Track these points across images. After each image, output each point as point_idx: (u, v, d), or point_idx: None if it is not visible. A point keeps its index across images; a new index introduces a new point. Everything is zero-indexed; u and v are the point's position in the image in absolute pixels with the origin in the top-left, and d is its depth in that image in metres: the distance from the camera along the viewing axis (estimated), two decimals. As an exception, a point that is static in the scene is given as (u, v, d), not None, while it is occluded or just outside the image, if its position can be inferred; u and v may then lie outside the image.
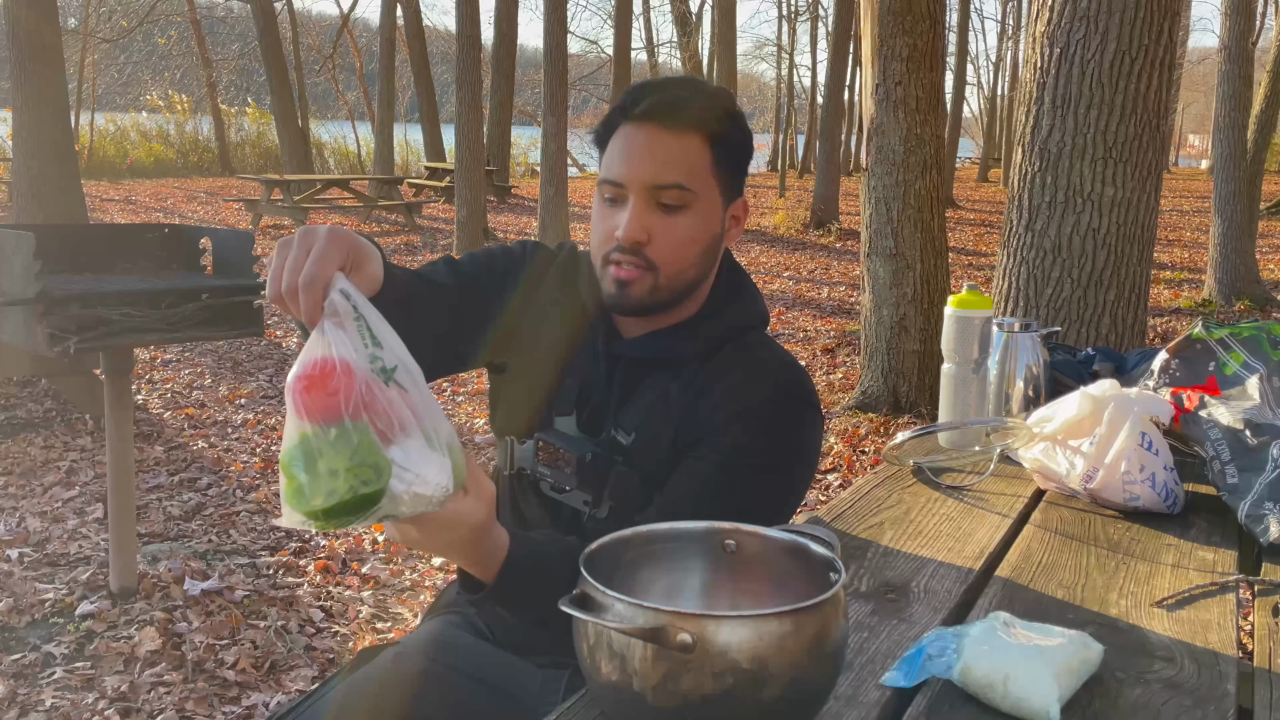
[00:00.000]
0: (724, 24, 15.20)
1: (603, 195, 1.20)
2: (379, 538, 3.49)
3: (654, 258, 1.18)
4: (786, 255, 12.00)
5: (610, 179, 1.19)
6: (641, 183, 1.17)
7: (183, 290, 2.79)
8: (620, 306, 1.21)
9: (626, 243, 1.17)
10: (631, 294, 1.19)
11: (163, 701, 2.39)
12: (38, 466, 4.00)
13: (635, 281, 1.18)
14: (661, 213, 1.18)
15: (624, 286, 1.19)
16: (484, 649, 1.29)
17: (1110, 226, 3.50)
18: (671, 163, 1.17)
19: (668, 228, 1.18)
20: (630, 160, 1.18)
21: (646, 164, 1.17)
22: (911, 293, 5.01)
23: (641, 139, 1.18)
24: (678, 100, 1.18)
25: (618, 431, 1.22)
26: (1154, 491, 1.42)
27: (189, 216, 14.08)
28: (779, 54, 32.70)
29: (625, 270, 1.18)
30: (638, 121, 1.18)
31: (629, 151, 1.18)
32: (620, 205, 1.18)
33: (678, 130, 1.17)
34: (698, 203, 1.19)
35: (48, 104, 7.06)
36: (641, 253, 1.17)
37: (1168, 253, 12.31)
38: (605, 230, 1.20)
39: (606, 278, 1.20)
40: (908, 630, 1.09)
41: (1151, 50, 3.41)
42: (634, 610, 0.78)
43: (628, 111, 1.19)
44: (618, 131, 1.20)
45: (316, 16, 40.19)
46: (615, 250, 1.18)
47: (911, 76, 4.87)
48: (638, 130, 1.18)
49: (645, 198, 1.17)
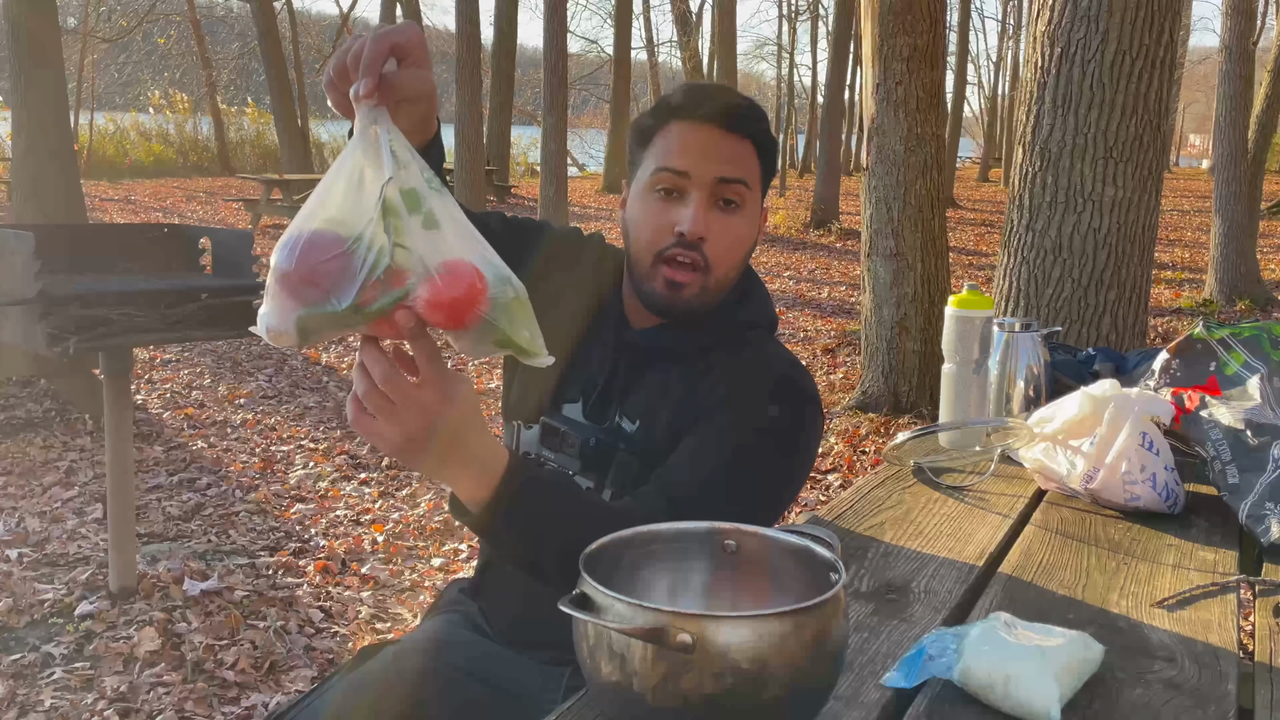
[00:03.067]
0: (724, 23, 15.21)
1: (656, 187, 1.19)
2: (379, 538, 3.49)
3: (710, 256, 1.18)
4: (787, 255, 12.00)
5: (673, 168, 1.18)
6: (709, 176, 1.18)
7: (182, 290, 2.79)
8: (670, 310, 1.21)
9: (692, 237, 1.17)
10: (684, 296, 1.19)
11: (162, 702, 2.39)
12: (37, 466, 4.00)
13: (689, 284, 1.18)
14: (720, 210, 1.19)
15: (677, 289, 1.19)
16: (483, 647, 1.28)
17: (1111, 226, 3.50)
18: (736, 161, 1.20)
19: (725, 226, 1.19)
20: (697, 153, 1.18)
21: (714, 159, 1.18)
22: (912, 293, 5.00)
23: (707, 136, 1.19)
24: (738, 107, 1.20)
25: (622, 419, 1.23)
26: (1155, 492, 1.42)
27: (189, 216, 14.08)
28: (779, 54, 32.71)
29: (681, 273, 1.18)
30: (699, 121, 1.19)
31: (695, 145, 1.18)
32: (679, 199, 1.18)
33: (737, 135, 1.20)
34: (751, 203, 1.22)
35: (48, 104, 7.06)
36: (701, 249, 1.18)
37: (1168, 253, 12.31)
38: (661, 224, 1.19)
39: (656, 278, 1.19)
40: (908, 631, 1.09)
41: (1152, 50, 3.41)
42: (634, 610, 0.78)
43: (689, 111, 1.20)
44: (670, 128, 1.20)
45: (316, 16, 40.17)
46: (675, 245, 1.18)
47: (912, 76, 4.87)
48: (700, 128, 1.19)
49: (708, 192, 1.18)
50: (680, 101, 1.21)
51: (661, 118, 1.22)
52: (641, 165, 1.23)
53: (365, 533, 3.53)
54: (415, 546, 3.45)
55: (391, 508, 3.78)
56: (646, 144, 1.23)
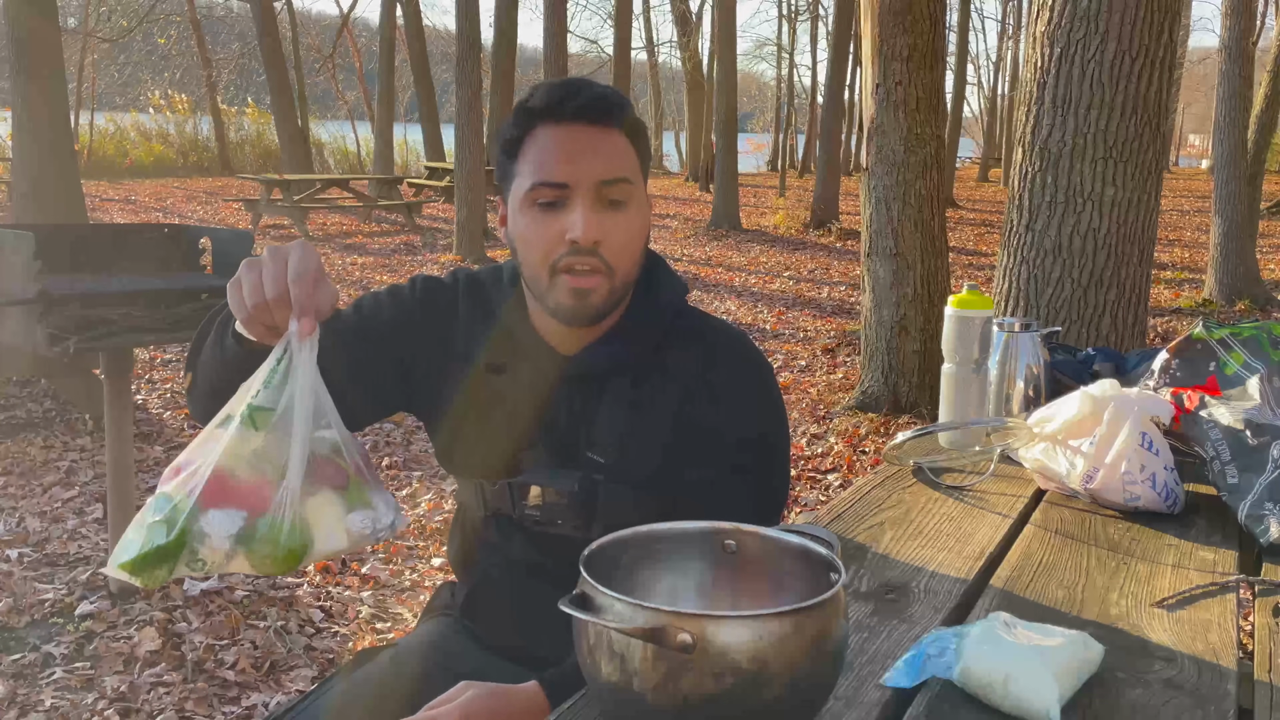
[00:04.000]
0: (724, 23, 15.19)
1: (535, 201, 1.13)
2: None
3: (609, 258, 1.13)
4: (786, 255, 12.00)
5: (549, 180, 1.12)
6: (590, 180, 1.12)
7: (183, 290, 2.79)
8: (580, 317, 1.16)
9: (586, 243, 1.11)
10: (592, 302, 1.14)
11: (162, 702, 2.39)
12: (37, 466, 4.00)
13: (595, 289, 1.14)
14: (610, 210, 1.13)
15: (585, 295, 1.13)
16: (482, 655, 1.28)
17: (1111, 226, 3.50)
18: (613, 158, 1.14)
19: (617, 225, 1.14)
20: (572, 159, 1.12)
21: (592, 161, 1.12)
22: (912, 293, 5.00)
23: (579, 137, 1.13)
24: (602, 99, 1.15)
25: (593, 451, 1.19)
26: (1154, 492, 1.42)
27: (189, 216, 14.08)
28: (779, 54, 32.71)
29: (584, 278, 1.13)
30: (567, 122, 1.13)
31: (568, 150, 1.13)
32: (562, 209, 1.12)
33: (608, 128, 1.15)
34: (637, 195, 1.17)
35: (47, 104, 7.06)
36: (599, 254, 1.12)
37: (1168, 253, 12.31)
38: (549, 237, 1.13)
39: (559, 289, 1.14)
40: (908, 630, 1.09)
41: (1152, 50, 3.41)
42: (634, 610, 0.78)
43: (552, 112, 1.13)
44: (537, 134, 1.14)
45: (316, 16, 40.20)
46: (570, 255, 1.12)
47: (912, 76, 4.87)
48: (570, 130, 1.13)
49: (593, 196, 1.12)
50: (541, 103, 1.14)
51: (525, 124, 1.15)
52: (515, 178, 1.16)
53: (365, 533, 3.53)
54: (415, 546, 3.45)
55: (391, 508, 3.78)
56: (515, 154, 1.16)
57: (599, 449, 1.19)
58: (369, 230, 13.03)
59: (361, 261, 10.26)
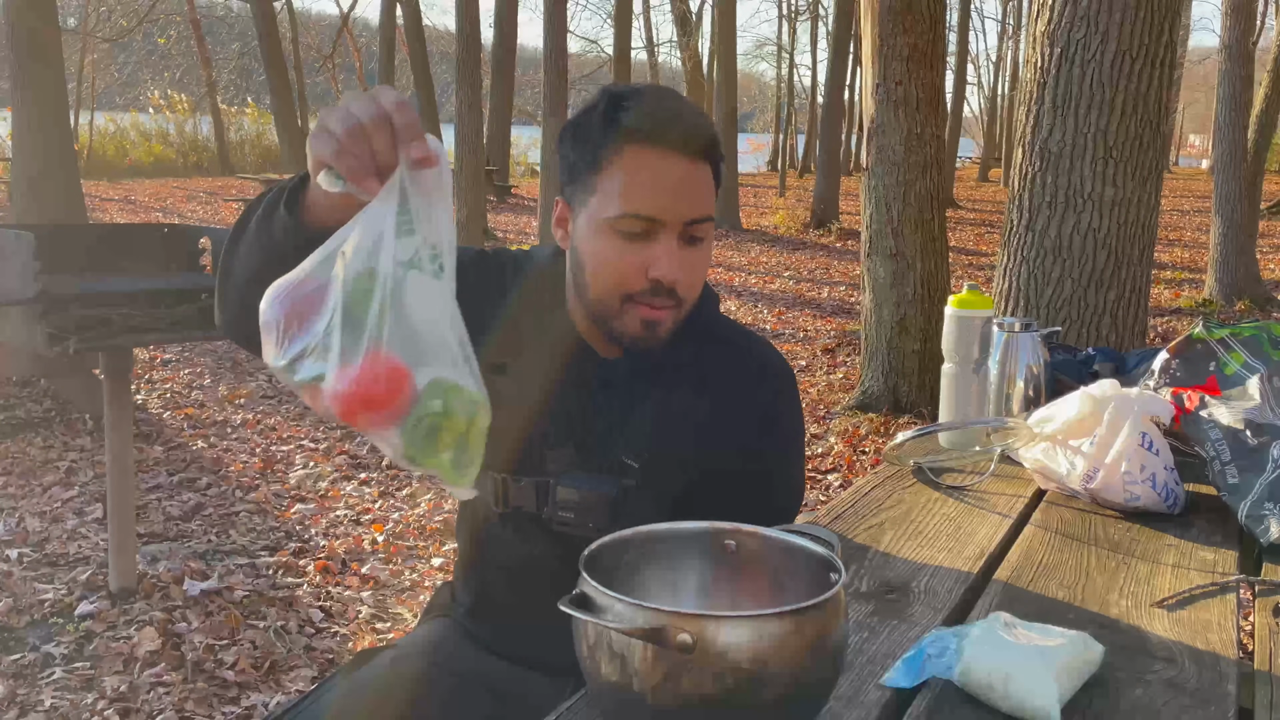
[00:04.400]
0: (724, 23, 15.19)
1: (622, 229, 1.10)
2: (379, 538, 3.49)
3: (682, 294, 1.13)
4: (786, 255, 11.99)
5: (642, 214, 1.09)
6: (680, 219, 1.10)
7: (183, 290, 2.79)
8: (645, 347, 1.15)
9: (670, 284, 1.10)
10: (659, 334, 1.14)
11: (162, 702, 2.39)
12: (37, 466, 4.00)
13: (664, 321, 1.13)
14: (689, 248, 1.12)
15: (654, 327, 1.13)
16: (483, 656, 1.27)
17: (1111, 226, 3.50)
18: (702, 195, 1.12)
19: (694, 261, 1.13)
20: (666, 193, 1.09)
21: (683, 199, 1.10)
22: (912, 293, 5.00)
23: (675, 171, 1.10)
24: (699, 129, 1.12)
25: (625, 455, 1.19)
26: (1154, 492, 1.42)
27: (189, 216, 14.08)
28: (779, 54, 32.72)
29: (658, 311, 1.12)
30: (663, 149, 1.09)
31: (662, 183, 1.09)
32: (647, 240, 1.10)
33: (698, 159, 1.12)
34: (711, 230, 1.15)
35: (47, 104, 7.06)
36: (675, 291, 1.11)
37: (1168, 253, 12.31)
38: (630, 268, 1.10)
39: (629, 319, 1.13)
40: (908, 630, 1.09)
41: (1152, 50, 3.41)
42: (634, 610, 0.78)
43: (649, 137, 1.09)
44: (626, 154, 1.09)
45: (316, 16, 40.20)
46: (648, 290, 1.10)
47: (912, 76, 4.87)
48: (666, 161, 1.09)
49: (678, 234, 1.10)
50: (637, 124, 1.09)
51: (615, 138, 1.10)
52: (596, 195, 1.11)
53: (365, 533, 3.53)
54: (415, 546, 3.45)
55: (391, 507, 3.78)
56: (597, 167, 1.11)
57: (630, 453, 1.18)
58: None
59: (361, 261, 10.24)
